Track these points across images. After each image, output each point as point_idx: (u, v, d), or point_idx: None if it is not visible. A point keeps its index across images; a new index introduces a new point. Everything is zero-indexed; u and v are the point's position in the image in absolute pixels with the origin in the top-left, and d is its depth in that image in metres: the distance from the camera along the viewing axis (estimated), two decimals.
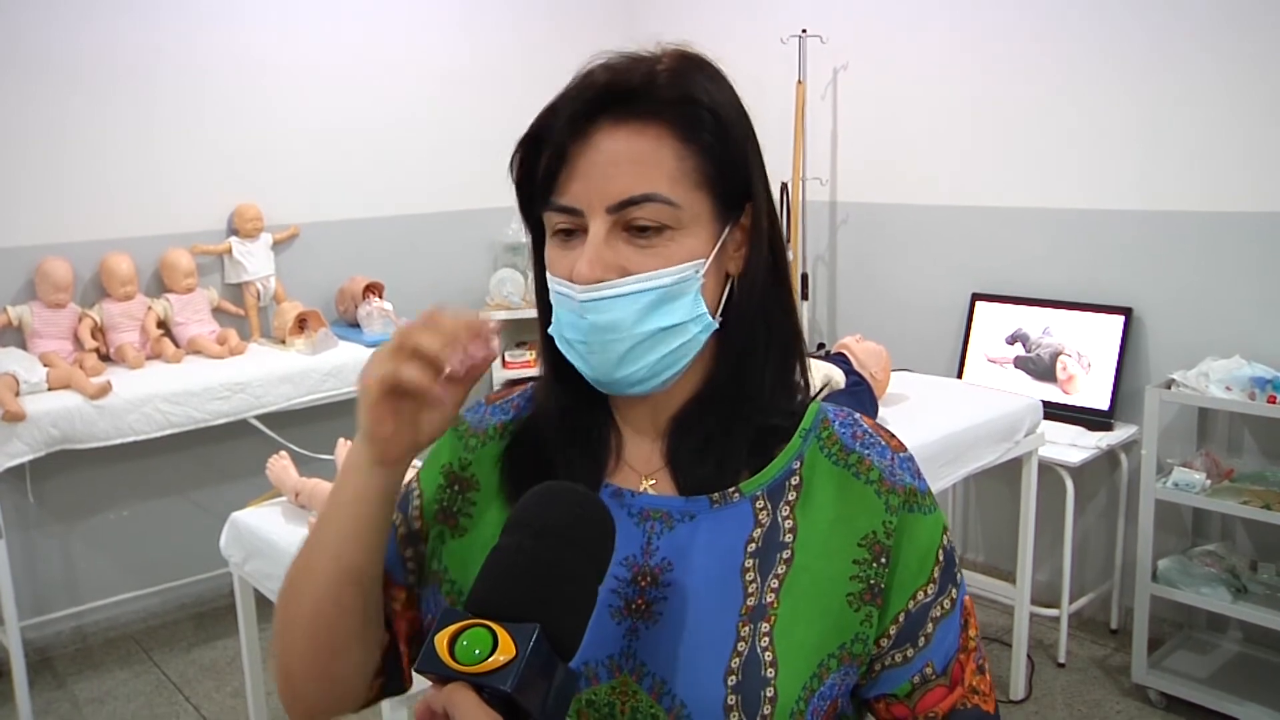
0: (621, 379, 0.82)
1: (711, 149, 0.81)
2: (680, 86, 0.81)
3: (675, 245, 0.80)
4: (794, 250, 3.87)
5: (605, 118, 0.80)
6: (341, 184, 3.89)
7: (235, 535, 2.26)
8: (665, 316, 0.80)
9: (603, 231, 0.79)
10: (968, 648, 0.88)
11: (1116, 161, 3.21)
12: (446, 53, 4.09)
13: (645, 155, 0.79)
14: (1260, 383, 2.74)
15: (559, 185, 0.81)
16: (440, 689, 0.65)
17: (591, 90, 0.80)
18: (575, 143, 0.80)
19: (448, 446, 0.96)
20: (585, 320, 0.80)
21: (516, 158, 0.84)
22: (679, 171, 0.80)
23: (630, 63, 0.82)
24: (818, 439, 0.88)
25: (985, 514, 3.73)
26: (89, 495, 3.43)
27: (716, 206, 0.83)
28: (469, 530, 0.91)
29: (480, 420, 0.96)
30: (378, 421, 0.79)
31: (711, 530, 0.84)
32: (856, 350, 2.61)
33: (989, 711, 0.89)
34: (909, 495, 0.86)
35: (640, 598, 0.83)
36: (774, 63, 3.79)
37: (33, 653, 3.25)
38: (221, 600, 3.61)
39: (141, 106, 3.41)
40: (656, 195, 0.79)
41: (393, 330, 3.51)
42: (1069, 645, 3.22)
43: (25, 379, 2.89)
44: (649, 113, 0.80)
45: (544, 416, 0.91)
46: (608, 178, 0.79)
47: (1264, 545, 3.00)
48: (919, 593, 0.85)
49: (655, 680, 0.81)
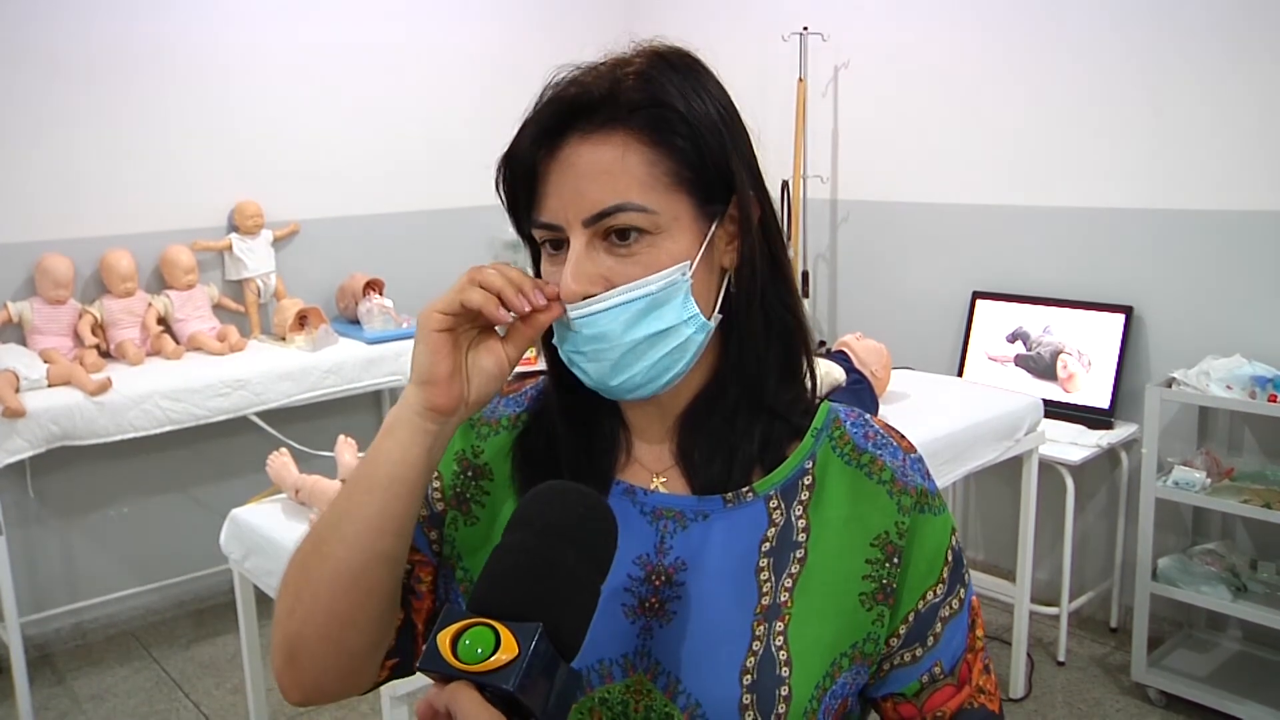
0: (618, 386, 0.82)
1: (683, 149, 0.80)
2: (646, 89, 0.80)
3: (657, 250, 0.80)
4: (795, 248, 3.87)
5: (572, 132, 0.80)
6: (342, 181, 3.88)
7: (235, 532, 2.26)
8: (655, 322, 0.80)
9: (582, 244, 0.80)
10: (975, 647, 0.89)
11: (1117, 160, 3.21)
12: (448, 50, 4.09)
13: (612, 165, 0.79)
14: (1261, 381, 2.74)
15: (537, 202, 0.82)
16: (442, 688, 0.65)
17: (555, 105, 0.80)
18: (545, 160, 0.80)
19: (461, 435, 0.95)
20: (577, 334, 0.81)
21: (499, 176, 0.85)
22: (650, 177, 0.80)
23: (595, 73, 0.81)
24: (830, 439, 0.88)
25: (985, 512, 3.73)
26: (89, 492, 3.43)
27: (698, 204, 0.82)
28: (480, 519, 0.91)
29: (493, 410, 0.96)
30: (435, 354, 0.78)
31: (726, 530, 0.85)
32: (857, 348, 2.61)
33: (994, 711, 0.90)
34: (920, 496, 0.86)
35: (654, 596, 0.84)
36: (775, 60, 3.79)
37: (33, 649, 3.25)
38: (221, 597, 3.61)
39: (142, 103, 3.41)
40: (628, 204, 0.79)
41: (393, 323, 3.54)
42: (1069, 644, 3.22)
43: (25, 375, 2.88)
44: (614, 121, 0.79)
45: (554, 411, 0.91)
46: (579, 192, 0.79)
47: (1264, 544, 3.00)
48: (929, 593, 0.86)
49: (670, 679, 0.81)
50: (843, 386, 2.43)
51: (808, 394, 0.90)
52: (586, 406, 0.88)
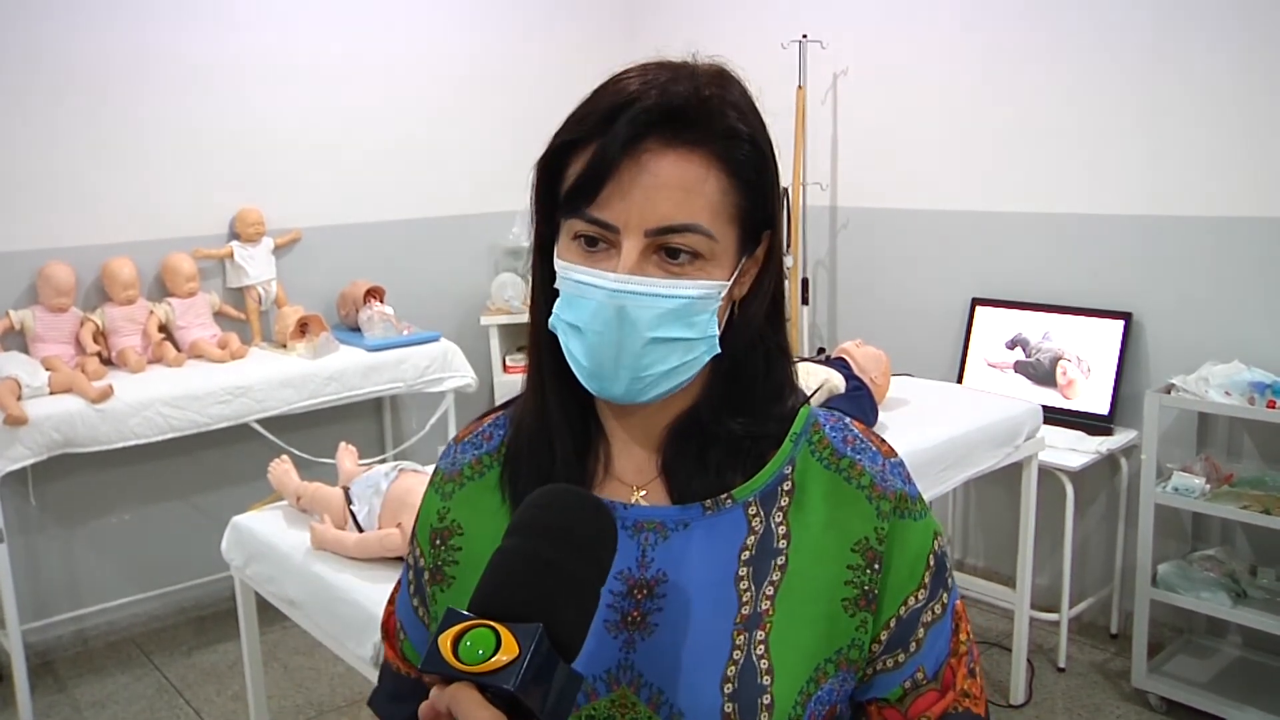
0: (619, 380, 0.81)
1: (749, 185, 0.81)
2: (725, 115, 0.80)
3: (703, 274, 0.80)
4: (794, 255, 3.87)
5: (653, 137, 0.78)
6: (343, 188, 3.89)
7: (236, 539, 2.27)
8: (683, 329, 0.80)
9: (636, 251, 0.78)
10: (959, 652, 0.89)
11: (1116, 167, 3.22)
12: (448, 58, 4.10)
13: (692, 183, 0.78)
14: (1260, 387, 2.74)
15: (598, 198, 0.78)
16: (444, 689, 0.65)
17: (645, 106, 0.78)
18: (624, 159, 0.78)
19: (428, 504, 0.96)
20: (609, 311, 0.79)
21: (548, 159, 0.82)
22: (720, 205, 0.80)
23: (675, 79, 0.80)
24: (809, 443, 0.88)
25: (985, 518, 3.74)
26: (90, 499, 3.44)
27: (741, 239, 0.83)
28: (456, 577, 0.91)
29: (453, 464, 0.95)
30: None
31: (705, 538, 0.84)
32: (857, 355, 2.62)
33: (980, 715, 0.89)
34: (900, 501, 0.86)
35: (635, 610, 0.84)
36: (774, 68, 3.79)
37: (34, 656, 3.25)
38: (223, 604, 3.61)
39: (144, 110, 3.42)
40: (698, 226, 0.79)
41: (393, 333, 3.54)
42: (1069, 650, 3.22)
43: (27, 383, 2.89)
44: (696, 140, 0.79)
45: (526, 433, 0.90)
46: (652, 200, 0.78)
47: (1264, 550, 3.00)
48: (910, 598, 0.85)
49: (653, 691, 0.81)
50: (842, 393, 2.43)
51: (788, 406, 0.90)
52: (569, 415, 0.88)
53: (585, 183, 0.78)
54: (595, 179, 0.78)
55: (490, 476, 0.92)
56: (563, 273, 0.82)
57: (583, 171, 0.79)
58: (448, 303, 4.15)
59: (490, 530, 0.89)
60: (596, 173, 0.78)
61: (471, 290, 4.21)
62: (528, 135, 0.96)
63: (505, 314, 4.08)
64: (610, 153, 0.77)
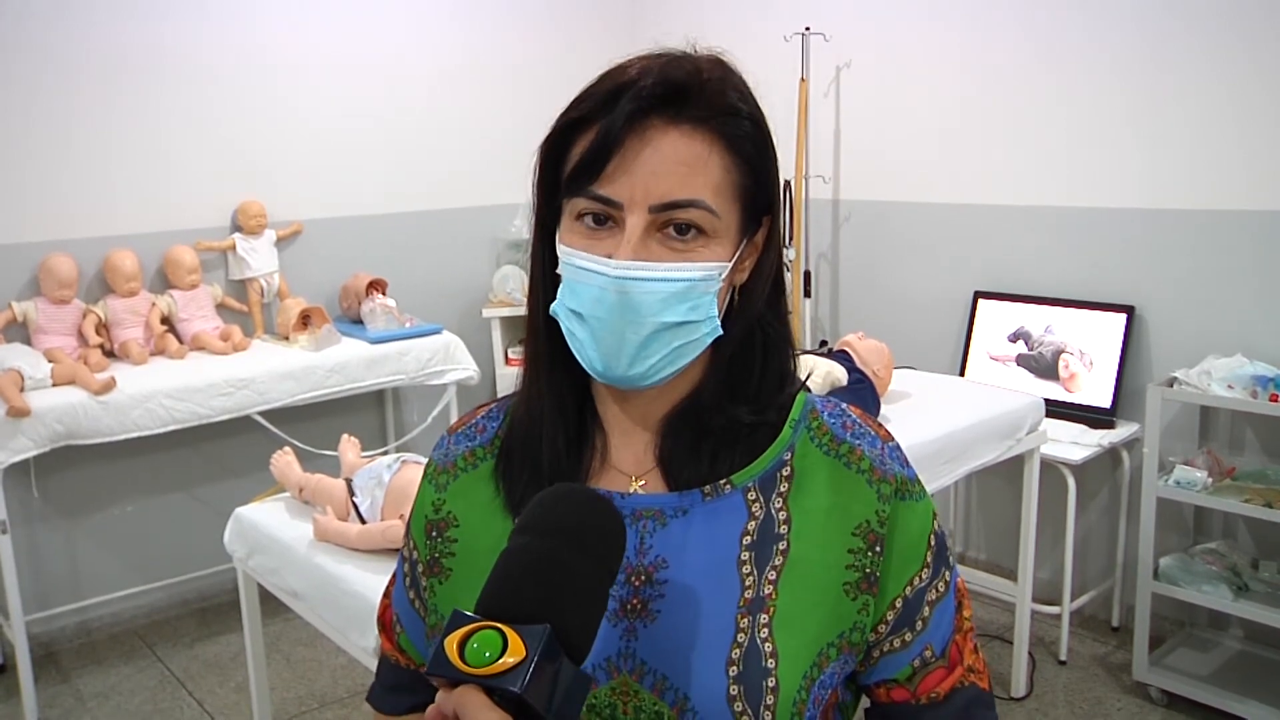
0: (624, 363, 0.81)
1: (752, 164, 0.83)
2: (726, 95, 0.82)
3: (706, 252, 0.81)
4: (797, 248, 3.87)
5: (657, 115, 0.79)
6: (345, 180, 3.89)
7: (239, 530, 2.27)
8: (686, 311, 0.81)
9: (640, 227, 0.79)
10: (963, 628, 0.90)
11: (1119, 159, 3.21)
12: (450, 49, 4.09)
13: (696, 160, 0.80)
14: (1262, 381, 2.74)
15: (602, 175, 0.79)
16: (450, 692, 0.65)
17: (647, 85, 0.79)
18: (629, 136, 0.79)
19: (422, 496, 0.96)
20: (612, 297, 0.80)
21: (552, 140, 0.83)
22: (724, 182, 0.81)
23: (676, 62, 0.82)
24: (808, 429, 0.88)
25: (987, 511, 3.74)
26: (93, 491, 3.44)
27: (742, 219, 0.84)
28: (453, 569, 0.91)
29: (446, 455, 0.96)
30: None
31: (705, 524, 0.85)
32: (859, 348, 2.62)
33: (985, 689, 0.91)
34: (900, 484, 0.87)
35: (635, 597, 0.84)
36: (777, 60, 3.79)
37: (37, 647, 3.26)
38: (225, 595, 3.62)
39: (146, 103, 3.42)
40: (701, 202, 0.80)
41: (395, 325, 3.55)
42: (1070, 643, 3.22)
43: (30, 375, 2.89)
44: (699, 118, 0.80)
45: (521, 423, 0.90)
46: (656, 176, 0.79)
47: (1265, 543, 3.00)
48: (914, 578, 0.86)
49: (657, 677, 0.81)
50: (844, 386, 2.43)
51: (787, 394, 0.90)
52: (566, 405, 0.89)
53: (590, 160, 0.79)
54: (600, 156, 0.79)
55: (484, 468, 0.93)
56: (565, 258, 0.83)
57: (587, 149, 0.80)
58: (450, 295, 4.15)
59: (485, 521, 0.90)
60: (601, 150, 0.79)
61: (473, 283, 4.21)
62: (529, 128, 0.96)
63: (507, 306, 4.08)
64: (614, 130, 0.78)
